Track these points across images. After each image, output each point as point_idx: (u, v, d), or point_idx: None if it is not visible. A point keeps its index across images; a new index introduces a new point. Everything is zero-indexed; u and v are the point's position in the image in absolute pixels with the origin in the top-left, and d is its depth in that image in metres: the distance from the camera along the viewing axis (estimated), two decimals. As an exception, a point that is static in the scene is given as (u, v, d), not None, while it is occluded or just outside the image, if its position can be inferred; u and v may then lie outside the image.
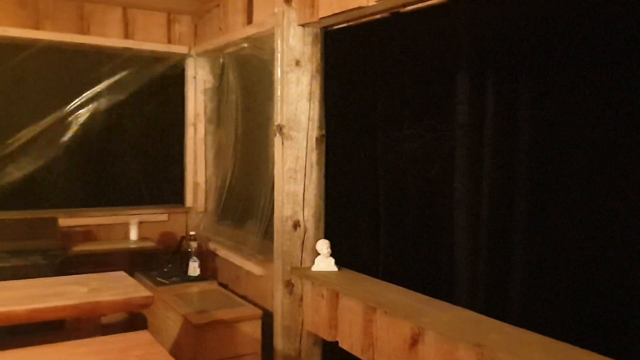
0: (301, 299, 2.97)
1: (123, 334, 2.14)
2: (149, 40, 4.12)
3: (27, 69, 3.79)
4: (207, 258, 4.00)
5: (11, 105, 3.76)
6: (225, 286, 3.78)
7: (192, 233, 3.94)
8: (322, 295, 2.75)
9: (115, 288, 2.20)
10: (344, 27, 2.87)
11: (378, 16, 2.60)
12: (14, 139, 3.75)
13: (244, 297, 3.51)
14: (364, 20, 2.70)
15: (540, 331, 1.98)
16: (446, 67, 2.44)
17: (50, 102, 3.86)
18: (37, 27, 3.75)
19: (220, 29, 3.87)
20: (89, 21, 3.93)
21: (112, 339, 2.08)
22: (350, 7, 2.48)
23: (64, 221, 3.74)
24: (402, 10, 2.50)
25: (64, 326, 3.15)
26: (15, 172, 3.77)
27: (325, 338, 2.75)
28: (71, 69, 3.93)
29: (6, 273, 3.24)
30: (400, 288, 2.59)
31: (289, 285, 2.98)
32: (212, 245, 4.02)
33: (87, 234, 4.00)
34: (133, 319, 3.72)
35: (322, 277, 2.79)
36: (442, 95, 2.49)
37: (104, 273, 2.44)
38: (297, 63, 2.98)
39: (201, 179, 4.35)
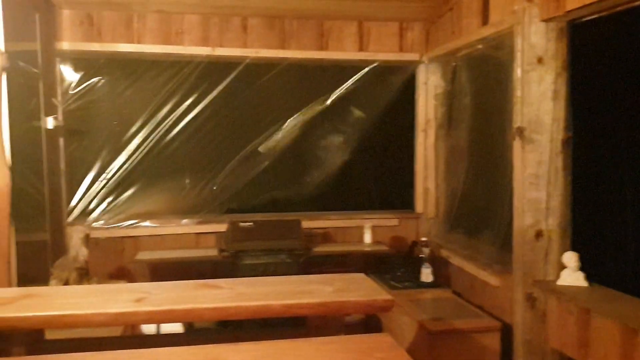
0: (544, 314, 2.78)
1: (365, 334, 2.20)
2: (382, 51, 4.24)
3: (274, 85, 4.15)
4: (439, 265, 3.96)
5: (261, 119, 4.15)
6: (459, 294, 3.71)
7: (423, 239, 3.93)
8: (571, 312, 2.54)
9: (358, 289, 2.27)
10: (593, 18, 2.63)
11: (638, 2, 2.33)
12: (265, 148, 4.13)
13: (479, 307, 3.40)
14: (618, 9, 2.44)
15: None
16: None
17: (292, 114, 4.18)
18: (283, 47, 4.10)
19: (453, 32, 3.82)
20: (328, 37, 4.17)
21: (355, 339, 2.14)
22: (606, -5, 2.26)
23: (306, 223, 4.00)
24: (669, -7, 2.21)
25: (305, 323, 3.36)
26: (264, 178, 4.15)
27: (574, 358, 2.53)
28: (311, 82, 4.21)
29: (259, 269, 3.59)
30: (666, 309, 2.29)
31: (530, 298, 2.81)
32: (444, 252, 3.97)
33: (326, 236, 4.25)
34: (368, 321, 3.83)
35: (570, 293, 2.58)
36: None
37: (344, 274, 2.52)
38: (540, 61, 2.81)
39: (432, 184, 4.33)
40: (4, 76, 2.63)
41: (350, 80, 4.21)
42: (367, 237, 4.17)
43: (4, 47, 2.62)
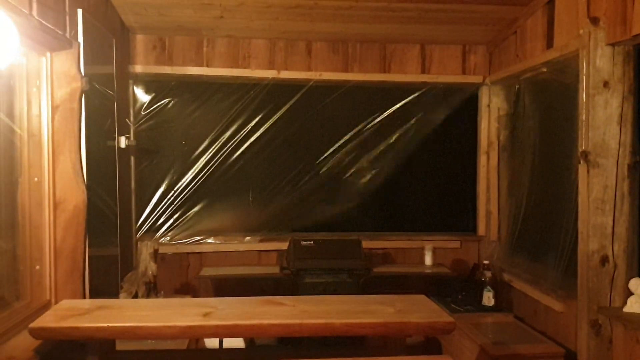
0: (610, 342, 2.71)
1: (427, 356, 2.22)
2: (444, 73, 4.26)
3: (337, 107, 4.23)
4: (501, 289, 3.90)
5: (324, 139, 4.24)
6: (521, 319, 3.64)
7: (485, 262, 3.89)
8: (638, 340, 2.47)
9: (420, 311, 2.29)
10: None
11: None
12: (321, 170, 4.22)
13: (542, 333, 3.34)
14: (689, 32, 2.40)
15: None
16: None
17: (355, 135, 4.24)
18: (346, 70, 4.19)
19: (517, 55, 3.81)
20: (390, 60, 4.23)
21: (416, 360, 2.17)
22: (675, 19, 2.23)
23: (366, 243, 4.02)
24: None
25: (363, 343, 3.39)
26: (325, 198, 4.22)
27: (642, 389, 2.46)
28: (374, 104, 4.27)
29: (319, 288, 3.65)
30: None
31: (595, 325, 2.75)
32: (506, 276, 3.91)
33: (386, 257, 4.27)
34: (427, 343, 3.80)
35: (637, 320, 2.52)
36: None
37: (405, 295, 2.54)
38: (605, 85, 2.77)
39: (494, 207, 4.29)
40: (83, 98, 2.79)
41: (412, 102, 4.24)
42: (428, 259, 4.15)
43: (84, 71, 2.78)
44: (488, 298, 3.71)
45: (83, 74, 2.76)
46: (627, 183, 2.76)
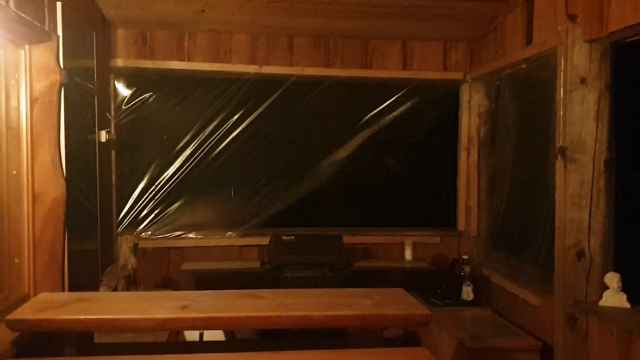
0: (586, 335, 2.75)
1: (403, 348, 2.24)
2: (426, 69, 4.29)
3: (319, 102, 4.24)
4: (479, 283, 3.94)
5: (305, 135, 4.25)
6: (499, 313, 3.68)
7: (465, 257, 3.93)
8: (612, 334, 2.52)
9: (397, 304, 2.31)
10: (637, 39, 2.63)
11: (683, 24, 2.33)
12: (303, 165, 4.23)
13: (520, 327, 3.38)
14: (663, 30, 2.44)
15: None
16: None
17: (336, 130, 4.26)
18: (328, 66, 4.20)
19: (497, 52, 3.84)
20: (372, 56, 4.25)
21: (393, 352, 2.19)
22: (648, 17, 2.27)
23: (347, 239, 4.04)
24: None
25: (345, 335, 3.41)
26: (306, 193, 4.23)
27: (615, 380, 2.51)
28: (355, 99, 4.29)
29: (300, 282, 3.66)
30: None
31: (571, 319, 2.79)
32: (485, 271, 3.95)
33: (366, 252, 4.29)
34: (407, 336, 3.83)
35: (612, 314, 2.56)
36: None
37: (384, 289, 2.56)
38: (583, 81, 2.81)
39: (474, 203, 4.33)
40: (62, 91, 2.77)
41: (393, 98, 4.26)
42: (408, 254, 4.18)
43: (63, 64, 2.76)
44: (467, 292, 3.75)
45: (62, 67, 2.74)
46: (603, 178, 2.80)
